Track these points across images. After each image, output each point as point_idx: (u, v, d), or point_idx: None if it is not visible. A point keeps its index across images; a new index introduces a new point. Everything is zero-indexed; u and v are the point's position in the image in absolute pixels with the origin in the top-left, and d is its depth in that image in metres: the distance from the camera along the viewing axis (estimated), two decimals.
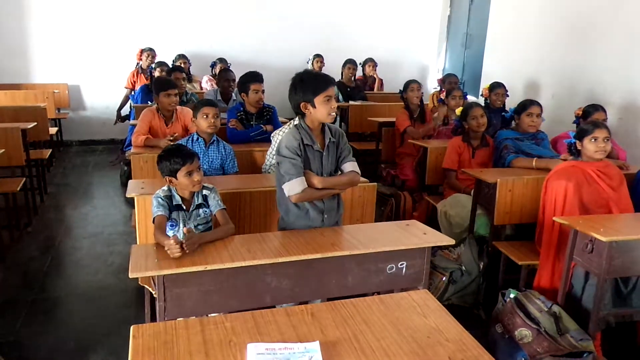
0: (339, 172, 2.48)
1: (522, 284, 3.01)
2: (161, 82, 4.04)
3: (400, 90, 4.92)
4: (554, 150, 3.73)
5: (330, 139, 2.41)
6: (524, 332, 2.42)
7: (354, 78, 6.60)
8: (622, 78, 4.34)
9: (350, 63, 6.46)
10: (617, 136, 3.12)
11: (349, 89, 6.37)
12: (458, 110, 4.04)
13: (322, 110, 2.30)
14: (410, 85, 4.84)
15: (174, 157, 2.35)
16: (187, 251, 2.02)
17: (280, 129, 3.32)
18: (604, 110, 3.66)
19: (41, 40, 7.04)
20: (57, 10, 6.98)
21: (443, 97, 4.65)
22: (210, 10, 7.45)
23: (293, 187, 2.31)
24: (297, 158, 2.31)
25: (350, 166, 2.46)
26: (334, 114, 2.35)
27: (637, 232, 2.47)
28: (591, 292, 2.52)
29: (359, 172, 2.48)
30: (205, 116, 3.26)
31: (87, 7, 7.04)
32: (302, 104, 2.32)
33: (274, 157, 2.91)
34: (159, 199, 2.33)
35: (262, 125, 3.92)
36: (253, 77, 3.91)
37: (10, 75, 6.93)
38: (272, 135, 3.38)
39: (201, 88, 6.50)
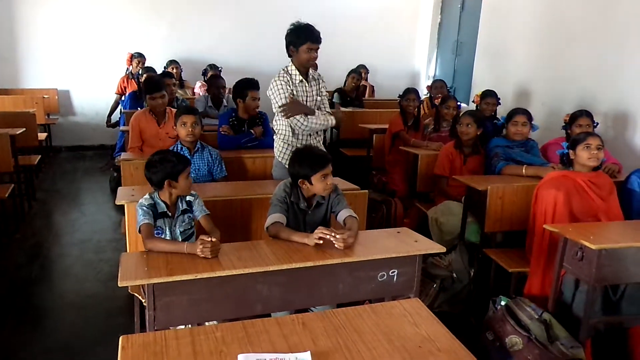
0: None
1: (513, 291, 3.01)
2: (148, 85, 4.05)
3: (399, 95, 4.94)
4: (543, 157, 3.76)
5: (318, 200, 2.55)
6: (514, 340, 2.42)
7: (359, 87, 6.62)
8: (611, 86, 4.38)
9: (354, 73, 6.47)
10: (605, 144, 3.15)
11: (349, 98, 6.40)
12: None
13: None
14: (407, 95, 4.83)
15: (177, 159, 2.39)
16: (217, 255, 2.07)
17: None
18: (589, 116, 3.69)
19: (30, 45, 6.99)
20: (47, 15, 6.94)
21: (437, 103, 4.65)
22: (202, 17, 7.44)
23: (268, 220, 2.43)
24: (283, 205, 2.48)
25: (346, 212, 2.52)
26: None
27: (626, 239, 2.49)
28: (581, 300, 2.53)
29: (356, 216, 2.52)
30: (183, 124, 3.25)
31: (77, 12, 7.01)
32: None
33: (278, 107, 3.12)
34: (144, 208, 2.32)
35: (252, 131, 3.91)
36: (251, 84, 3.90)
37: None
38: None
39: (193, 94, 6.49)
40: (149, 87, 3.98)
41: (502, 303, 2.59)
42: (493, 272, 3.17)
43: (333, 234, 2.19)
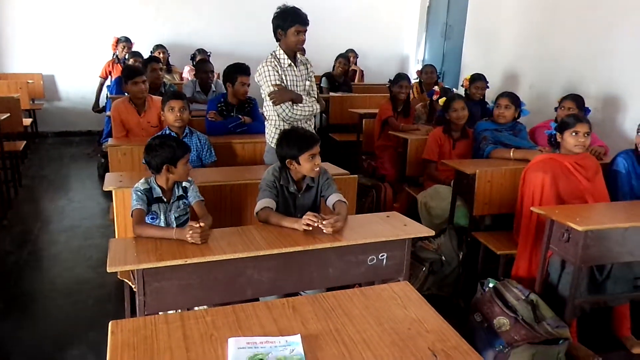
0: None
1: (501, 273, 3.05)
2: (128, 71, 3.96)
3: (390, 79, 4.91)
4: (532, 140, 3.78)
5: (308, 184, 2.55)
6: (502, 321, 2.46)
7: (347, 72, 6.59)
8: (599, 69, 4.39)
9: (342, 57, 6.42)
10: (592, 126, 3.16)
11: (337, 83, 6.37)
12: (441, 101, 4.05)
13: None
14: (399, 82, 4.79)
15: (177, 144, 2.37)
16: (206, 240, 2.07)
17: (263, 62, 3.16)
18: (574, 100, 3.70)
19: (14, 29, 6.85)
20: None
21: (435, 98, 4.61)
22: (190, 0, 7.34)
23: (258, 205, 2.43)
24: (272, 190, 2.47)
25: (336, 197, 2.52)
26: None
27: (612, 221, 2.52)
28: (567, 280, 2.57)
29: (345, 201, 2.52)
30: (171, 109, 3.21)
31: None
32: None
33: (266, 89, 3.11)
34: (139, 193, 2.30)
35: (240, 117, 3.89)
36: (241, 69, 3.86)
37: None
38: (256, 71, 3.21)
39: (181, 78, 6.42)
40: (129, 73, 3.88)
41: (490, 285, 2.62)
42: (481, 255, 3.20)
43: (320, 220, 2.19)
